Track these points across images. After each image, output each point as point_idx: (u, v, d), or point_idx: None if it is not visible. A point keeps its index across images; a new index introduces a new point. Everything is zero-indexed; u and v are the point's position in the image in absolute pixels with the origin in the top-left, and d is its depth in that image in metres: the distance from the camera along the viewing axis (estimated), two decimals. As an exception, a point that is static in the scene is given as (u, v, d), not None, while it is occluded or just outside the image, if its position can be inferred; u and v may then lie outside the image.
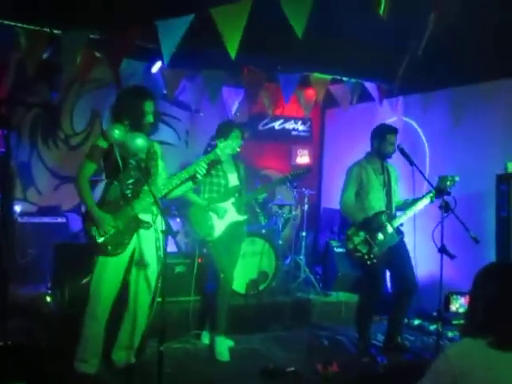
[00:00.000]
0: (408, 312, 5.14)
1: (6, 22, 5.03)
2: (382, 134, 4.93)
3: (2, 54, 5.54)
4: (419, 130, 6.72)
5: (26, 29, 5.12)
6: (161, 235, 3.93)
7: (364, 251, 4.71)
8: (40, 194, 6.67)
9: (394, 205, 4.98)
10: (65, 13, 4.97)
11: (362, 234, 4.75)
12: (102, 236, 3.78)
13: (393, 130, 4.95)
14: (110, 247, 3.79)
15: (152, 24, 4.81)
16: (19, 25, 5.09)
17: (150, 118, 3.92)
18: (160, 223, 3.99)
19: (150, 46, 5.57)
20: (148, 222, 3.88)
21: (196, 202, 4.81)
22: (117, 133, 3.69)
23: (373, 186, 4.91)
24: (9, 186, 5.56)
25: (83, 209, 3.94)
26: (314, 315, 5.98)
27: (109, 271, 3.84)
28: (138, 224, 3.86)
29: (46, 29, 5.19)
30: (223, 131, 4.80)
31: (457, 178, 4.77)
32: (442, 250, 4.31)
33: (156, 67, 6.46)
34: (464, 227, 4.28)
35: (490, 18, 4.66)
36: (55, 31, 5.21)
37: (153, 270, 3.98)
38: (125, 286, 4.04)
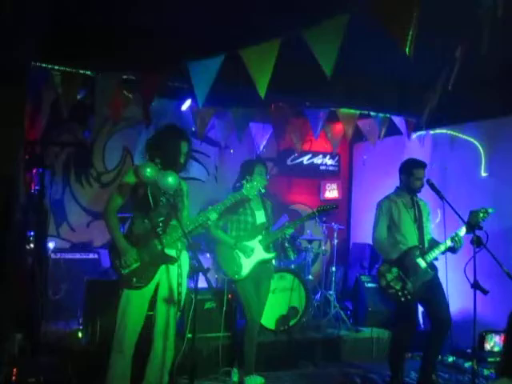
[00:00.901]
0: (442, 349, 5.02)
1: (41, 65, 5.19)
2: (409, 169, 4.91)
3: (37, 95, 5.71)
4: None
5: (61, 71, 5.28)
6: (184, 271, 3.95)
7: (398, 287, 4.64)
8: (73, 231, 6.79)
9: (426, 239, 4.92)
10: (99, 55, 5.12)
11: (394, 270, 4.69)
12: (126, 268, 3.82)
13: (420, 165, 4.92)
14: (134, 279, 3.82)
15: (182, 64, 4.91)
16: (54, 67, 5.25)
17: (182, 159, 3.99)
18: (184, 259, 4.02)
19: (180, 85, 5.69)
20: (174, 257, 3.90)
21: (223, 240, 4.82)
22: (148, 171, 3.74)
23: (404, 221, 4.86)
24: (43, 223, 5.66)
25: (111, 240, 3.99)
26: (345, 352, 5.89)
27: (133, 304, 3.85)
28: (164, 259, 3.88)
29: (80, 71, 5.34)
30: (246, 169, 4.84)
31: (490, 210, 4.69)
32: (475, 285, 4.22)
33: (186, 105, 6.58)
34: (497, 262, 4.20)
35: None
36: (89, 73, 5.36)
37: (175, 306, 3.98)
38: (150, 322, 4.06)
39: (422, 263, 4.70)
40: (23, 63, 4.43)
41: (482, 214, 4.63)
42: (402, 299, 4.61)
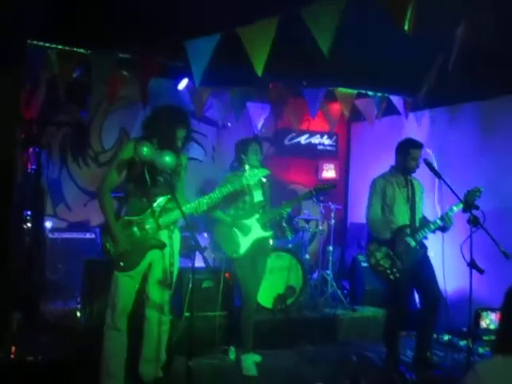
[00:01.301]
0: (436, 327, 5.06)
1: (37, 43, 5.14)
2: (406, 149, 4.91)
3: (34, 74, 5.66)
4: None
5: (57, 49, 5.23)
6: (175, 252, 3.96)
7: (387, 266, 4.69)
8: (70, 210, 6.78)
9: (417, 219, 4.94)
10: (95, 33, 5.07)
11: (383, 248, 4.73)
12: (115, 253, 3.82)
13: (417, 145, 4.92)
14: (122, 263, 3.82)
15: (179, 43, 4.86)
16: (51, 45, 5.20)
17: (179, 143, 3.95)
18: (176, 239, 4.02)
19: (177, 64, 5.65)
20: (164, 243, 3.89)
21: (221, 220, 4.83)
22: (145, 150, 3.72)
23: (397, 200, 4.89)
24: (40, 203, 5.67)
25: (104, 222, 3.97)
26: (342, 330, 5.94)
27: (122, 286, 3.86)
28: (154, 243, 3.87)
29: (76, 49, 5.29)
30: (241, 148, 4.86)
31: (482, 189, 4.70)
32: (472, 264, 4.25)
33: (182, 85, 6.54)
34: (493, 241, 4.22)
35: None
36: (85, 51, 5.32)
37: (167, 284, 3.99)
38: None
39: (411, 242, 4.74)
40: (20, 42, 4.40)
41: (477, 193, 4.65)
42: (391, 277, 4.65)
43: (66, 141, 6.77)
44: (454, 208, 4.71)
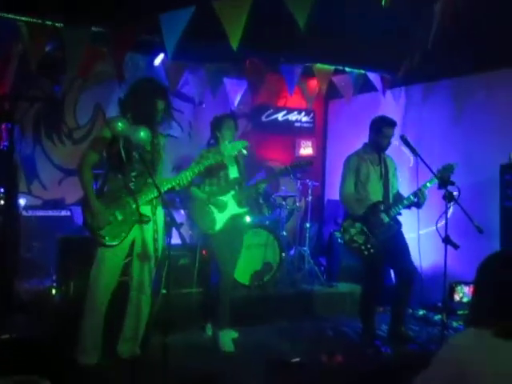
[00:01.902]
0: (411, 302, 5.13)
1: (7, 16, 5.01)
2: (379, 127, 4.91)
3: (4, 47, 5.53)
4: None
5: (28, 22, 5.11)
6: (160, 227, 3.93)
7: (360, 242, 4.72)
8: (44, 188, 6.68)
9: (391, 196, 4.98)
10: (67, 6, 4.95)
11: (358, 225, 4.76)
12: (98, 228, 3.78)
13: (390, 123, 4.92)
14: (106, 238, 3.79)
15: (154, 17, 4.78)
16: (21, 18, 5.08)
17: (158, 117, 3.91)
18: (160, 215, 4.00)
19: (152, 38, 5.56)
20: (148, 217, 3.86)
21: (197, 196, 4.81)
22: (120, 125, 3.68)
23: (370, 177, 4.91)
24: (13, 180, 5.57)
25: (84, 197, 3.92)
26: (319, 306, 5.98)
27: (107, 262, 3.85)
28: (137, 218, 3.83)
29: (48, 22, 5.17)
30: (215, 125, 4.83)
31: (455, 165, 4.72)
32: (446, 240, 4.30)
33: (158, 60, 6.44)
34: (468, 217, 4.26)
35: (494, 6, 4.62)
36: (57, 25, 5.20)
37: (151, 262, 3.98)
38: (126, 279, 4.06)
39: (385, 218, 4.77)
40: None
41: (451, 169, 4.67)
42: (366, 253, 4.69)
43: (40, 117, 6.64)
44: (428, 184, 4.74)
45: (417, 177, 4.70)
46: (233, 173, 4.88)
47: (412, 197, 4.78)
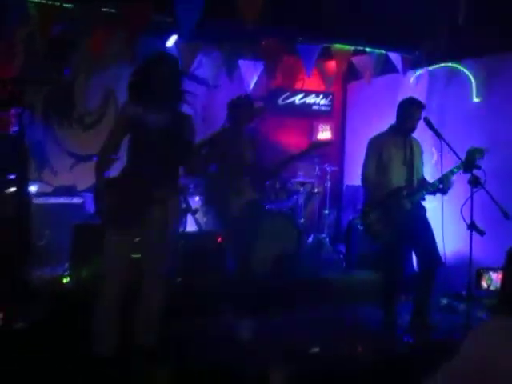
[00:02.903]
0: (434, 290, 5.09)
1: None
2: (408, 108, 4.88)
3: (13, 29, 5.55)
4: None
5: (37, 3, 5.12)
6: (172, 214, 3.91)
7: (379, 228, 4.70)
8: (55, 174, 6.72)
9: (415, 181, 4.93)
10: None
11: (378, 210, 4.75)
12: (108, 213, 3.78)
13: (418, 105, 4.88)
14: (120, 226, 3.78)
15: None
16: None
17: (175, 96, 3.86)
18: (174, 202, 3.98)
19: (165, 19, 5.55)
20: (161, 199, 3.83)
21: (213, 181, 4.81)
22: (132, 110, 3.68)
23: (393, 161, 4.86)
24: (23, 166, 5.61)
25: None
26: (338, 295, 5.97)
27: (116, 251, 3.81)
28: (150, 200, 3.82)
29: (57, 3, 5.17)
30: (231, 108, 4.81)
31: (483, 149, 4.69)
32: (472, 226, 4.27)
33: (171, 41, 6.43)
34: (494, 202, 4.23)
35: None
36: (67, 5, 5.20)
37: (164, 247, 3.95)
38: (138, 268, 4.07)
39: (407, 204, 4.73)
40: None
41: (477, 155, 4.63)
42: (385, 239, 4.68)
43: (49, 101, 6.66)
44: (454, 170, 4.69)
45: (441, 161, 4.67)
46: (249, 157, 4.87)
47: (437, 183, 4.74)
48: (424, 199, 4.86)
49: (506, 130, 5.82)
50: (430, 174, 5.32)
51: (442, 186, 4.73)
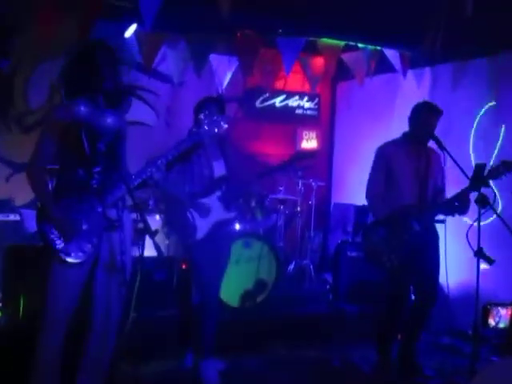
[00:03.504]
0: (435, 327, 5.14)
1: None
2: (422, 114, 4.93)
3: None
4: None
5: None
6: (127, 235, 3.91)
7: (383, 252, 4.73)
8: (-13, 186, 6.67)
9: (429, 198, 4.93)
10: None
11: (382, 230, 4.77)
12: (63, 240, 3.75)
13: (434, 110, 4.94)
14: (72, 253, 3.75)
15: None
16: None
17: (111, 84, 3.85)
18: (126, 221, 3.97)
19: (123, 3, 5.56)
20: (115, 221, 3.84)
21: (174, 197, 4.79)
22: (82, 110, 3.68)
23: (404, 174, 4.89)
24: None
25: (38, 204, 3.90)
26: (323, 332, 6.00)
27: (68, 280, 3.79)
28: (104, 224, 3.82)
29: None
30: (196, 110, 4.82)
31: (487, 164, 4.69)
32: (479, 253, 4.31)
33: (130, 31, 6.44)
34: (505, 225, 4.27)
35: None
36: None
37: (119, 278, 3.95)
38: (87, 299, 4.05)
39: (415, 225, 4.76)
40: None
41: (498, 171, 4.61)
42: (387, 265, 4.70)
43: (-19, 98, 6.63)
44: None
45: (444, 176, 4.73)
46: (218, 169, 4.87)
47: (453, 200, 4.72)
48: (442, 221, 4.85)
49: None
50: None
51: (458, 204, 4.73)
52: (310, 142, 8.31)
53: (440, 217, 4.95)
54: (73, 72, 3.86)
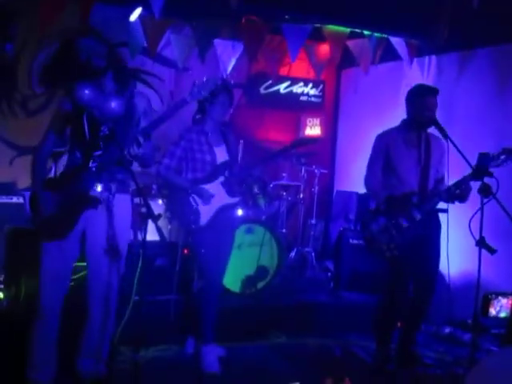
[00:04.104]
0: (436, 317, 5.13)
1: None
2: (418, 96, 4.82)
3: None
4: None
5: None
6: (120, 219, 3.93)
7: (383, 241, 4.72)
8: (-9, 169, 6.68)
9: (430, 185, 4.89)
10: None
11: (382, 219, 4.74)
12: (40, 216, 3.80)
13: (431, 91, 4.85)
14: (50, 230, 3.81)
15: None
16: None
17: (101, 62, 3.82)
18: (121, 204, 3.98)
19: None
20: (96, 199, 3.84)
21: (176, 184, 4.79)
22: (86, 93, 3.68)
23: (404, 161, 4.83)
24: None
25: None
26: (324, 320, 6.01)
27: (53, 260, 3.85)
28: (86, 202, 3.83)
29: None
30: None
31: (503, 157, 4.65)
32: (481, 243, 4.30)
33: (135, 15, 6.42)
34: (507, 214, 4.26)
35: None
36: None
37: (112, 261, 3.97)
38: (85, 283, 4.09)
39: (416, 214, 4.73)
40: None
41: (500, 159, 4.58)
42: (387, 254, 4.68)
43: (-14, 82, 6.63)
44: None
45: (448, 165, 4.71)
46: (221, 155, 4.86)
47: (453, 188, 4.65)
48: (445, 211, 4.78)
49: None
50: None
51: (459, 192, 4.69)
52: (313, 129, 8.30)
53: (443, 206, 4.92)
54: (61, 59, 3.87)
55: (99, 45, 3.89)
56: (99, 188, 3.87)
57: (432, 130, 4.86)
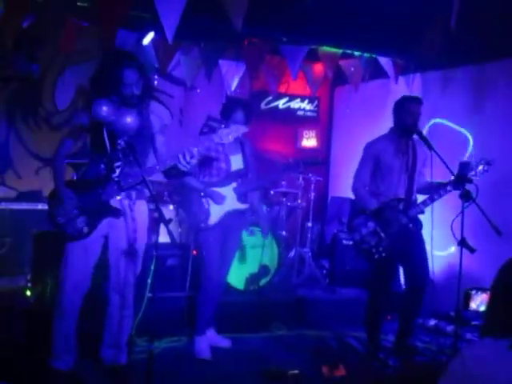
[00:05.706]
0: (421, 311, 5.13)
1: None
2: (404, 105, 4.78)
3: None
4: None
5: (4, -6, 5.11)
6: (140, 224, 3.95)
7: (372, 243, 4.69)
8: (19, 178, 6.69)
9: (414, 190, 4.85)
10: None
11: (370, 224, 4.70)
12: (64, 216, 3.81)
13: (414, 100, 4.84)
14: (69, 229, 3.82)
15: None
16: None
17: (130, 89, 3.85)
18: (141, 212, 4.01)
19: (141, 14, 5.56)
20: (119, 210, 3.89)
21: (191, 185, 4.76)
22: (104, 109, 3.70)
23: (391, 168, 4.76)
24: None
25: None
26: (320, 313, 6.01)
27: (74, 257, 3.87)
28: (108, 211, 3.87)
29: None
30: (224, 111, 4.80)
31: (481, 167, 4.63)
32: (462, 243, 4.30)
33: (148, 39, 6.43)
34: (485, 217, 4.27)
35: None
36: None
37: (131, 262, 4.00)
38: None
39: (403, 218, 4.70)
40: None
41: (480, 167, 4.57)
42: (376, 256, 4.66)
43: (15, 99, 6.64)
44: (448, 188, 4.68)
45: (431, 174, 4.72)
46: (236, 163, 4.85)
47: (436, 196, 4.63)
48: (423, 212, 4.78)
49: (500, 142, 5.90)
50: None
51: (436, 197, 4.66)
52: (309, 141, 8.32)
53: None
54: (98, 76, 3.89)
55: (141, 78, 3.91)
56: (120, 196, 3.91)
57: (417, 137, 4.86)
